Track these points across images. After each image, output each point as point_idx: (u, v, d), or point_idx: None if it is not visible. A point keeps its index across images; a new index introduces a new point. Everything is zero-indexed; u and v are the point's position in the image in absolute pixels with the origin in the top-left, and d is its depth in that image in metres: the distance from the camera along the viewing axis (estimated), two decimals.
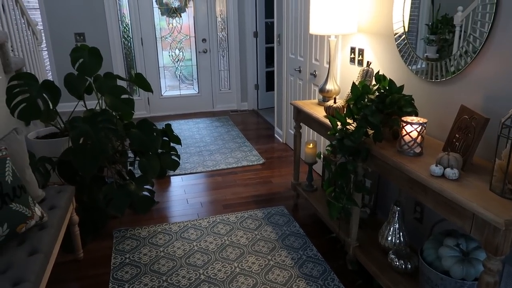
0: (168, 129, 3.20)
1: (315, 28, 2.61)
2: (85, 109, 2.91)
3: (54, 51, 5.18)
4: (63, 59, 5.10)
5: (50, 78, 5.22)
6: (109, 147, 2.40)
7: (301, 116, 2.87)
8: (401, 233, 2.09)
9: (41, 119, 2.81)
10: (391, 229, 2.10)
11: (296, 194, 3.12)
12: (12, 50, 3.02)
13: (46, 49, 5.13)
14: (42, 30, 5.01)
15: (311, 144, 2.94)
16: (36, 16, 5.03)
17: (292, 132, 4.24)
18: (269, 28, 5.71)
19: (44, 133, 3.10)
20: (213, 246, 2.62)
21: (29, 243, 1.80)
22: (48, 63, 5.23)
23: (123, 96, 2.70)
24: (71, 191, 2.35)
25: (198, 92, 5.97)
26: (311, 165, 2.98)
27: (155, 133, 2.82)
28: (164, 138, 3.20)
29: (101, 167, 3.00)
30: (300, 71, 3.88)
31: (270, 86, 5.97)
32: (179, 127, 5.22)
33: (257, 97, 6.04)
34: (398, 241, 2.08)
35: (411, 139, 1.78)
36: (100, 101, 2.87)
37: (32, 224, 1.88)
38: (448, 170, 1.54)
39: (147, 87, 3.13)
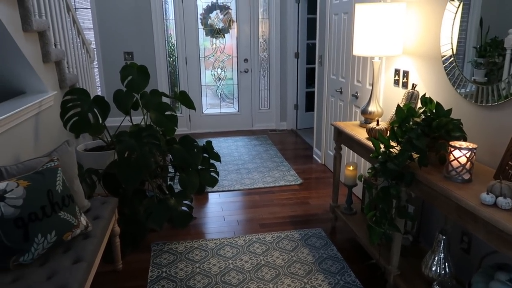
0: (208, 146, 3.26)
1: (358, 49, 2.60)
2: (130, 124, 3.03)
3: (104, 68, 5.45)
4: (112, 76, 5.36)
5: (99, 94, 5.49)
6: (152, 161, 2.47)
7: (342, 138, 2.83)
8: (446, 264, 1.99)
9: (90, 133, 2.95)
10: (436, 258, 2.00)
11: (334, 217, 3.06)
12: (67, 67, 3.22)
13: (97, 66, 5.42)
14: (94, 49, 5.31)
15: (352, 166, 2.89)
16: (90, 35, 5.35)
17: (331, 153, 4.18)
18: (310, 49, 5.75)
19: (91, 145, 3.25)
20: (248, 265, 2.60)
21: (74, 251, 1.86)
22: (98, 79, 5.51)
23: (167, 113, 2.79)
24: (114, 203, 2.43)
25: (238, 111, 6.06)
26: (350, 188, 2.92)
27: (196, 150, 2.88)
28: (204, 154, 3.25)
29: (142, 181, 3.08)
30: (341, 92, 3.85)
31: (309, 107, 5.96)
32: (218, 145, 5.30)
33: (296, 117, 6.04)
34: (443, 272, 1.98)
35: (459, 164, 1.71)
36: (146, 116, 2.98)
37: (78, 233, 1.95)
38: (500, 199, 1.46)
39: (190, 105, 3.21)
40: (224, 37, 5.79)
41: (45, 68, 2.66)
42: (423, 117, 1.98)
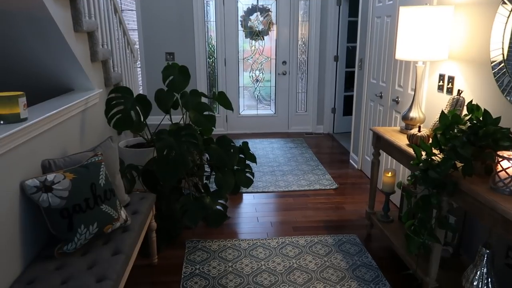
0: (245, 147, 3.28)
1: (402, 53, 2.53)
2: (170, 122, 3.10)
3: (146, 68, 5.62)
4: (154, 75, 5.52)
5: (141, 92, 5.67)
6: (190, 160, 2.52)
7: (381, 143, 2.77)
8: (489, 279, 1.89)
9: (132, 130, 3.05)
10: (478, 273, 1.91)
11: (370, 224, 2.99)
12: (112, 66, 3.34)
13: (140, 66, 5.59)
14: (138, 49, 5.49)
15: (390, 173, 2.81)
16: (134, 36, 5.54)
17: (369, 159, 4.10)
18: (350, 52, 5.66)
19: (132, 142, 3.36)
20: (281, 268, 2.60)
21: (113, 243, 1.93)
22: (140, 78, 5.69)
23: (206, 113, 2.84)
24: (152, 199, 2.50)
25: (275, 113, 6.07)
26: (388, 195, 2.85)
27: (232, 150, 2.91)
28: (240, 155, 3.28)
29: (179, 178, 3.15)
30: (381, 96, 3.77)
31: (347, 111, 5.87)
32: (254, 146, 5.32)
33: (333, 121, 5.97)
34: None
35: (507, 176, 1.63)
36: (185, 116, 3.04)
37: (117, 226, 2.02)
38: None
39: (228, 105, 3.24)
40: (263, 39, 5.82)
41: (93, 67, 2.78)
42: (469, 124, 1.90)
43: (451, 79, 2.58)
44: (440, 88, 2.72)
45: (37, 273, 1.70)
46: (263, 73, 5.96)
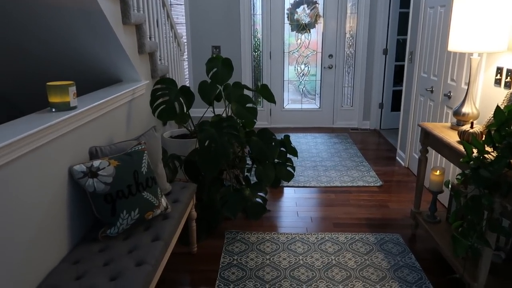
0: (286, 140, 3.25)
1: (455, 44, 2.38)
2: (213, 115, 3.14)
3: (193, 61, 5.73)
4: (200, 68, 5.62)
5: (188, 85, 5.80)
6: (230, 151, 2.54)
7: (429, 140, 2.63)
8: None
9: (176, 121, 3.12)
10: None
11: (415, 224, 2.86)
12: (159, 59, 3.43)
13: (187, 59, 5.71)
14: (185, 43, 5.61)
15: (438, 171, 2.67)
16: (182, 30, 5.66)
17: (417, 156, 3.92)
18: (401, 45, 5.43)
19: (177, 133, 3.44)
20: (319, 264, 2.56)
21: (154, 230, 1.99)
22: (187, 72, 5.81)
23: (248, 105, 2.84)
24: (193, 189, 2.55)
25: (319, 107, 5.97)
26: (436, 194, 2.71)
27: (273, 143, 2.89)
28: (282, 149, 3.26)
29: (221, 170, 3.19)
30: (432, 91, 3.58)
31: (395, 106, 5.65)
32: (297, 140, 5.27)
33: (381, 117, 5.77)
34: None
35: None
36: (227, 108, 3.07)
37: (158, 213, 2.08)
38: None
39: (270, 98, 3.23)
40: (310, 32, 5.72)
41: (140, 59, 2.87)
42: None
43: (510, 73, 2.40)
44: (498, 82, 2.53)
45: (82, 254, 1.78)
46: (308, 67, 5.87)
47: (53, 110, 1.86)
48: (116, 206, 1.87)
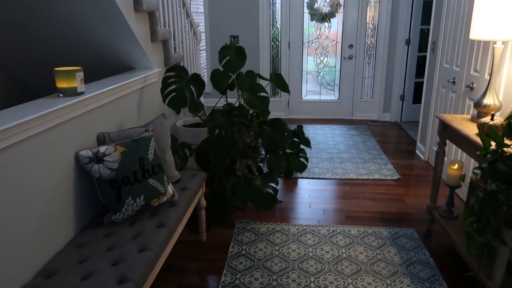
0: (299, 131, 3.20)
1: (477, 32, 2.26)
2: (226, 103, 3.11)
3: (211, 51, 5.71)
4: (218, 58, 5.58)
5: (205, 75, 5.79)
6: (240, 141, 2.50)
7: (448, 132, 2.53)
8: None
9: (190, 109, 3.12)
10: None
11: (431, 219, 2.77)
12: (174, 47, 3.42)
13: (204, 48, 5.69)
14: (203, 32, 5.59)
15: (456, 165, 2.56)
16: (200, 19, 5.63)
17: None
18: (425, 35, 5.25)
19: (190, 122, 3.43)
20: (328, 256, 2.51)
21: (159, 217, 1.99)
22: (205, 61, 5.79)
23: (260, 94, 2.79)
24: (202, 177, 2.53)
25: (338, 99, 5.86)
26: (453, 189, 2.60)
27: (286, 133, 2.84)
28: (295, 139, 3.20)
29: (233, 159, 3.17)
30: (454, 82, 3.44)
31: (417, 98, 5.48)
32: (314, 132, 5.20)
33: (402, 109, 5.61)
34: None
35: None
36: (240, 97, 3.03)
37: (164, 200, 2.07)
38: None
39: (284, 87, 3.17)
40: (330, 21, 5.60)
41: (153, 47, 2.86)
42: None
43: None
44: None
45: (87, 239, 1.80)
46: (328, 58, 5.76)
47: (61, 95, 1.87)
48: (121, 192, 1.87)
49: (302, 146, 3.43)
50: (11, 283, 1.47)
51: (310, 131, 5.21)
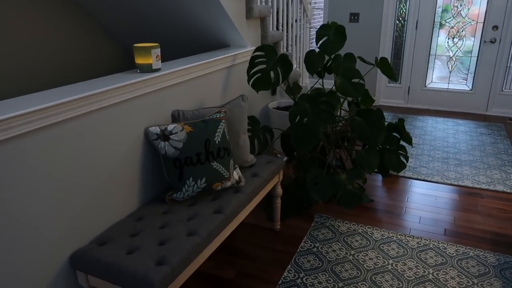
0: (400, 125, 2.80)
1: None
2: (321, 87, 2.88)
3: None
4: None
5: None
6: (320, 130, 2.28)
7: None
8: None
9: (285, 91, 2.97)
10: None
11: None
12: (276, 25, 3.28)
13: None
14: (321, 9, 5.30)
15: None
16: None
17: None
18: None
19: (284, 104, 3.30)
20: (410, 274, 2.17)
21: (219, 202, 1.93)
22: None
23: (354, 80, 2.49)
24: (279, 165, 2.40)
25: (471, 89, 5.01)
26: None
27: (379, 126, 2.50)
28: (395, 134, 2.82)
29: (323, 148, 2.95)
30: None
31: None
32: (434, 125, 4.56)
33: None
34: None
35: None
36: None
37: (228, 186, 2.01)
38: None
39: (390, 74, 2.80)
40: None
41: (247, 24, 2.77)
42: None
43: None
44: None
45: (147, 213, 1.85)
46: (463, 40, 4.93)
47: (138, 71, 1.92)
48: (183, 172, 1.87)
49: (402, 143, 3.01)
50: (71, 242, 1.59)
51: (428, 124, 4.60)
